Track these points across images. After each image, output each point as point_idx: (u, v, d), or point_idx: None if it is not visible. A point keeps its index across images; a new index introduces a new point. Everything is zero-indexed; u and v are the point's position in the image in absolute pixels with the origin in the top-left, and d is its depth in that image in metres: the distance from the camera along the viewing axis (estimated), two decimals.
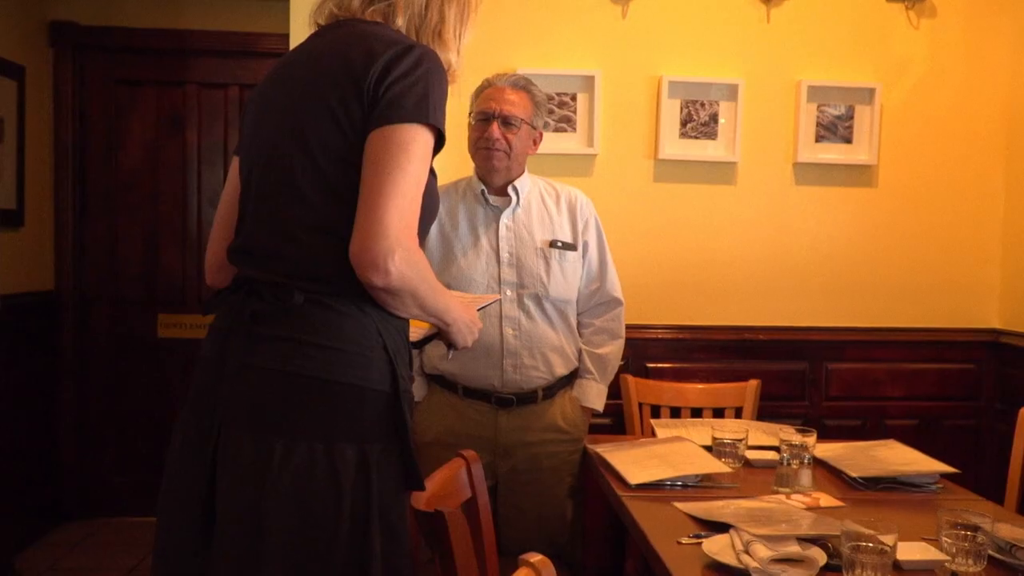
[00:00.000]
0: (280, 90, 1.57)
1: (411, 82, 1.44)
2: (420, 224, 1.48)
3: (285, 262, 1.48)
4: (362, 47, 1.48)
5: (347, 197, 1.43)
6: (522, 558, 1.28)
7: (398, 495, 1.48)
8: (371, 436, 1.43)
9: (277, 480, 1.38)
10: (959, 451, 3.14)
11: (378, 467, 1.43)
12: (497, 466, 2.48)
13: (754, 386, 3.02)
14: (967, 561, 1.65)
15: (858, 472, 2.22)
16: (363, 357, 1.45)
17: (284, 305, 1.44)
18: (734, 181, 3.20)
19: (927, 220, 3.29)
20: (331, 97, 1.46)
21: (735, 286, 3.23)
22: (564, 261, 2.50)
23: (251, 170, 1.57)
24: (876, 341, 3.27)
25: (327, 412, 1.42)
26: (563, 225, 2.53)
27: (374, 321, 1.47)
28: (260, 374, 1.43)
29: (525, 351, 2.45)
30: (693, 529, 1.83)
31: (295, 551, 1.38)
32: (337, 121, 1.46)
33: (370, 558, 1.40)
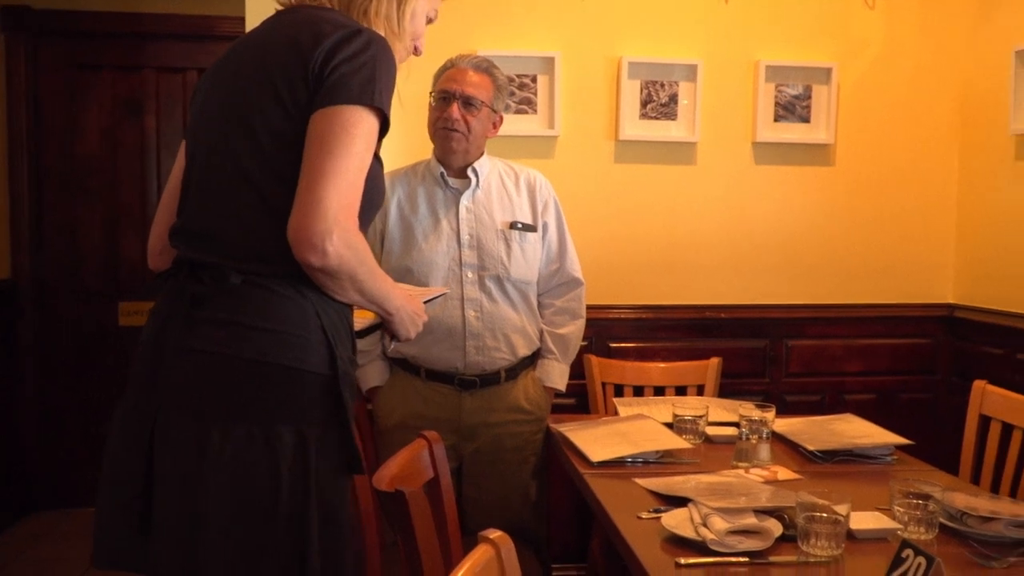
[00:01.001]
0: (227, 72, 1.57)
1: (357, 65, 1.44)
2: (363, 211, 1.48)
3: (224, 243, 1.48)
4: (310, 30, 1.48)
5: (289, 179, 1.43)
6: (481, 535, 1.29)
7: (338, 479, 1.49)
8: (310, 419, 1.44)
9: (215, 464, 1.38)
10: (916, 424, 3.20)
11: (317, 450, 1.43)
12: (461, 447, 2.50)
13: (715, 364, 3.06)
14: (919, 529, 1.69)
15: (815, 445, 2.26)
16: (300, 339, 1.44)
17: (222, 287, 1.44)
18: (694, 161, 3.22)
19: (884, 198, 3.33)
20: (277, 79, 1.46)
21: (696, 265, 3.26)
22: (524, 242, 2.51)
23: (195, 151, 1.57)
24: (834, 318, 3.32)
25: (264, 395, 1.42)
26: (523, 206, 2.54)
27: (313, 304, 1.47)
28: (197, 357, 1.43)
29: (487, 332, 2.46)
30: (653, 504, 1.86)
31: (233, 535, 1.39)
32: (282, 103, 1.45)
33: (308, 541, 1.41)
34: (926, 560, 1.37)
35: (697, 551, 1.60)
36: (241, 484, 1.39)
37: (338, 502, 1.48)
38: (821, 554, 1.58)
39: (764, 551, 1.59)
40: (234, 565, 1.39)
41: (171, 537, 1.41)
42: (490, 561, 1.25)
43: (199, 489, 1.39)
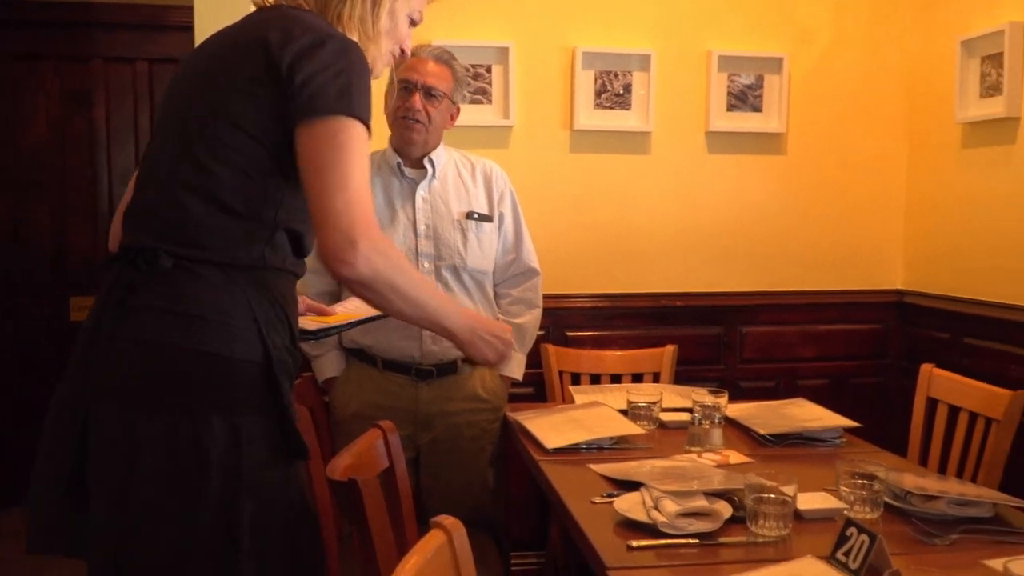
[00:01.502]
0: (198, 60, 1.57)
1: (333, 73, 1.43)
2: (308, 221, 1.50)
3: (159, 221, 1.47)
4: (281, 28, 1.48)
5: (239, 166, 1.44)
6: (433, 520, 1.30)
7: (277, 468, 1.47)
8: (241, 408, 1.42)
9: (142, 454, 1.38)
10: (867, 407, 3.26)
11: (250, 440, 1.42)
12: (418, 437, 2.50)
13: (671, 351, 3.09)
14: (864, 508, 1.73)
15: (767, 429, 2.30)
16: (227, 326, 1.43)
17: (153, 271, 1.43)
18: (648, 151, 3.25)
19: (835, 186, 3.38)
20: (244, 70, 1.46)
21: (652, 254, 3.29)
22: (481, 232, 2.52)
23: (155, 139, 1.57)
24: (788, 304, 3.37)
25: (191, 383, 1.41)
26: (479, 197, 2.55)
27: (243, 291, 1.46)
28: (127, 345, 1.42)
29: None
30: (607, 489, 1.87)
31: (160, 524, 1.39)
32: (248, 94, 1.45)
33: (239, 529, 1.40)
34: (869, 537, 1.40)
35: (648, 534, 1.62)
36: (168, 475, 1.38)
37: (279, 490, 1.47)
38: (769, 534, 1.61)
39: (714, 532, 1.62)
40: (163, 552, 1.39)
41: (102, 524, 1.40)
42: (442, 547, 1.26)
43: (128, 477, 1.38)
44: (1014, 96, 2.83)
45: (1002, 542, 1.61)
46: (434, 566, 1.23)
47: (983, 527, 1.67)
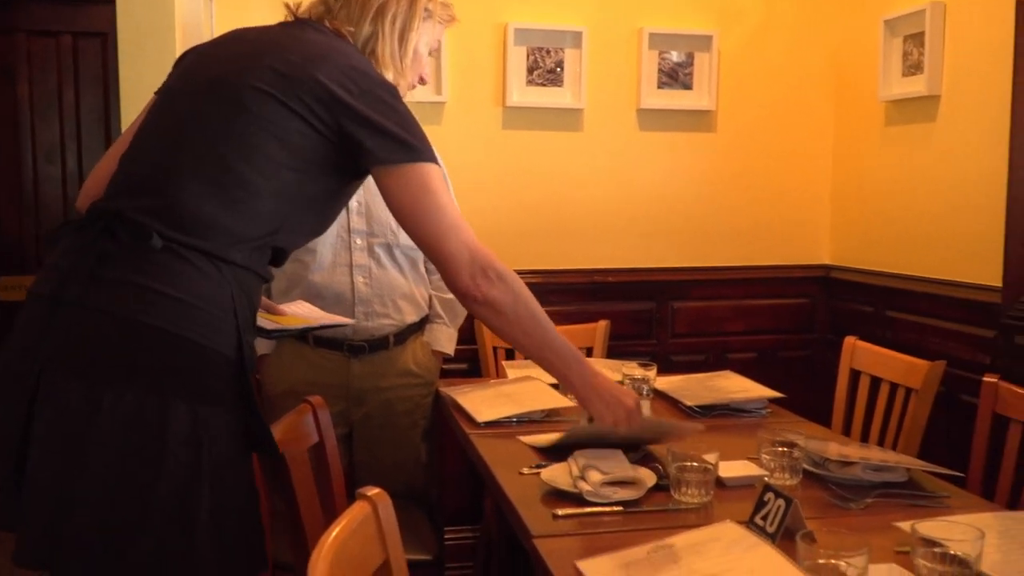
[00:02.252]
0: (230, 52, 1.59)
1: (401, 119, 1.55)
2: (302, 230, 1.62)
3: (158, 201, 1.45)
4: (336, 65, 1.53)
5: (269, 177, 1.48)
6: (359, 492, 1.31)
7: (240, 463, 1.47)
8: (209, 398, 1.41)
9: (101, 429, 1.35)
10: (794, 380, 3.32)
11: (213, 431, 1.40)
12: (351, 413, 2.50)
13: (603, 326, 3.13)
14: (784, 475, 1.77)
15: (694, 401, 2.34)
16: (212, 316, 1.42)
17: (138, 247, 1.40)
18: (581, 128, 3.27)
19: (763, 163, 3.44)
20: (296, 94, 1.50)
21: (584, 230, 3.32)
22: None
23: (166, 113, 1.56)
24: (718, 280, 3.43)
25: (165, 365, 1.39)
26: None
27: (230, 284, 1.45)
28: (97, 317, 1.39)
29: (376, 299, 2.47)
30: (536, 461, 1.90)
31: (110, 503, 1.36)
32: (301, 118, 1.50)
33: (194, 519, 1.38)
34: (785, 502, 1.45)
35: (574, 503, 1.64)
36: (124, 453, 1.35)
37: (238, 480, 1.46)
38: (692, 501, 1.65)
39: (638, 500, 1.65)
40: (106, 535, 1.37)
41: (43, 500, 1.37)
42: (367, 517, 1.27)
43: (79, 453, 1.35)
44: (935, 75, 2.90)
45: (914, 505, 1.67)
46: (359, 537, 1.24)
47: (897, 491, 1.73)
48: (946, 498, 1.72)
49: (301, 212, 1.56)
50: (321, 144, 1.51)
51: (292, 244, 1.61)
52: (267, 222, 1.50)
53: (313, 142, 1.51)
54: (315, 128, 1.50)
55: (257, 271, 1.53)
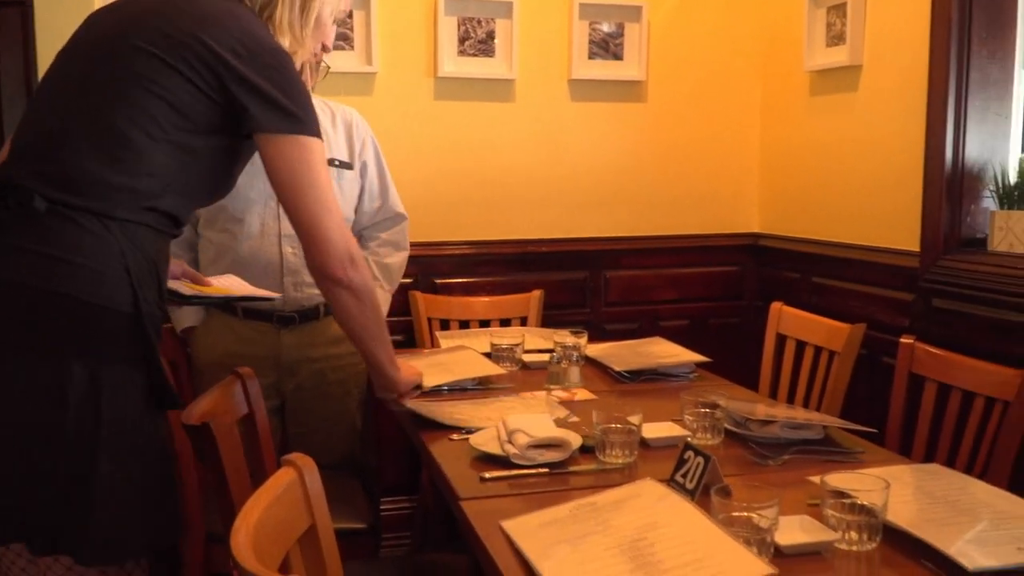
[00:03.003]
0: (121, 22, 1.57)
1: (287, 89, 1.56)
2: (198, 195, 1.66)
3: (46, 162, 1.45)
4: (225, 29, 1.54)
5: (155, 137, 1.49)
6: (284, 458, 1.32)
7: (144, 417, 1.48)
8: (106, 355, 1.42)
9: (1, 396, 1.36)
10: (725, 346, 3.39)
11: (113, 388, 1.42)
12: (283, 384, 2.50)
13: (537, 296, 3.16)
14: (706, 435, 1.83)
15: (623, 366, 2.39)
16: (97, 274, 1.43)
17: (24, 212, 1.41)
18: (513, 98, 3.28)
19: (693, 133, 3.49)
20: (187, 57, 1.50)
21: (518, 201, 3.33)
22: (342, 180, 2.51)
23: (58, 78, 1.56)
24: (649, 249, 3.47)
25: (56, 327, 1.40)
26: (340, 144, 2.54)
27: (118, 241, 1.46)
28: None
29: (305, 268, 2.46)
30: (468, 428, 1.92)
31: (10, 465, 1.37)
32: (189, 80, 1.51)
33: (94, 472, 1.40)
34: (704, 459, 1.49)
35: (502, 466, 1.67)
36: (23, 415, 1.37)
37: (143, 440, 1.47)
38: (616, 462, 1.69)
39: (564, 462, 1.69)
40: (8, 490, 1.38)
41: None
42: (292, 483, 1.28)
43: None
44: (856, 45, 2.97)
45: (829, 461, 1.73)
46: (284, 502, 1.25)
47: (813, 448, 1.79)
48: (860, 453, 1.79)
49: (191, 173, 1.56)
50: (207, 106, 1.53)
51: (188, 205, 1.61)
52: (154, 181, 1.51)
53: (199, 104, 1.52)
54: (201, 90, 1.51)
55: (153, 226, 1.53)
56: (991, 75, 2.58)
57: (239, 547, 1.06)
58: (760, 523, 1.27)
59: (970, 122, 2.58)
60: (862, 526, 1.33)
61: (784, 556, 1.30)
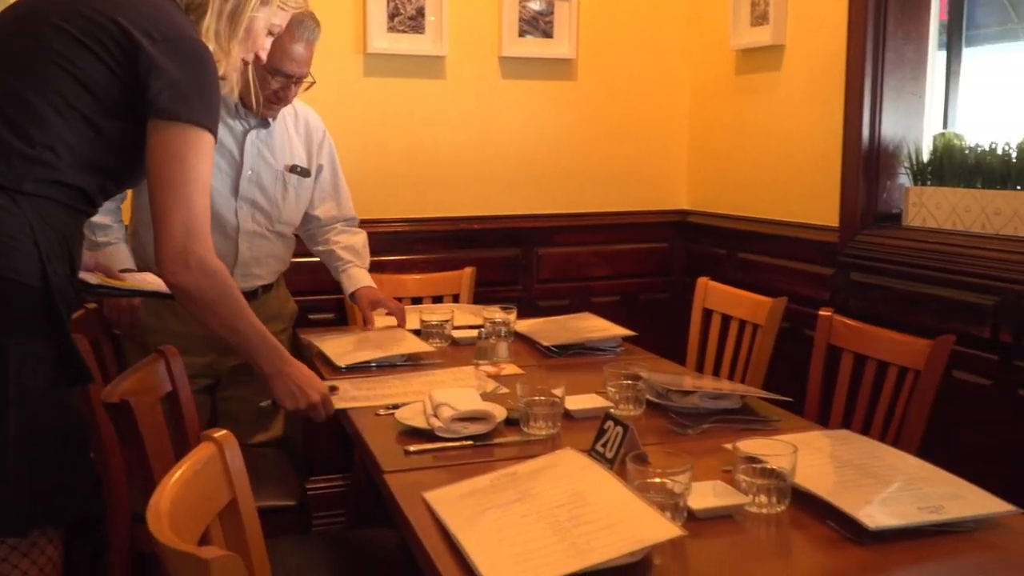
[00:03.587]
0: None
1: (192, 79, 1.54)
2: (124, 178, 1.66)
3: None
4: (141, 13, 1.53)
5: (60, 111, 1.49)
6: (203, 434, 1.32)
7: (54, 390, 1.48)
8: (15, 328, 1.42)
9: None
10: (655, 321, 3.47)
11: (21, 360, 1.41)
12: (219, 363, 2.50)
13: (469, 273, 3.18)
14: (628, 406, 1.87)
15: (550, 341, 2.42)
16: (5, 247, 1.43)
17: None
18: (444, 75, 3.27)
19: (623, 111, 3.52)
20: (100, 36, 1.51)
21: (450, 178, 3.34)
22: (300, 187, 2.57)
23: None
24: (581, 226, 3.51)
25: None
26: (299, 150, 2.58)
27: (27, 215, 1.46)
28: None
29: (254, 262, 2.51)
30: (392, 402, 1.93)
31: None
32: (98, 58, 1.51)
33: (3, 447, 1.40)
34: (623, 429, 1.53)
35: (428, 440, 1.69)
36: None
37: (52, 413, 1.46)
38: (540, 433, 1.72)
39: (489, 434, 1.71)
40: None
41: None
42: (212, 458, 1.28)
43: None
44: (779, 25, 3.03)
45: (747, 429, 1.78)
46: (203, 477, 1.25)
47: (732, 417, 1.85)
48: (776, 421, 1.85)
49: (99, 151, 1.56)
50: (116, 87, 1.53)
51: (100, 183, 1.60)
52: (60, 155, 1.50)
53: (109, 84, 1.52)
54: (112, 70, 1.52)
55: (64, 202, 1.53)
56: (906, 55, 2.66)
57: (155, 521, 1.07)
58: (674, 488, 1.32)
59: (886, 101, 2.66)
60: (771, 490, 1.38)
61: (697, 520, 1.35)
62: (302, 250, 2.77)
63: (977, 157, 2.49)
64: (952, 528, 1.33)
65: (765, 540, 1.35)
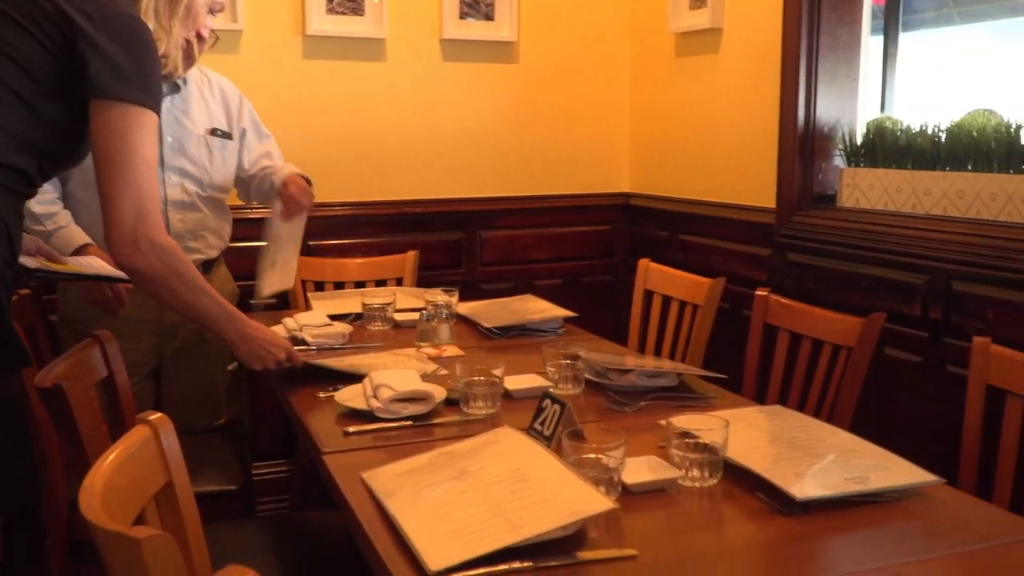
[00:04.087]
0: None
1: (133, 59, 1.53)
2: (59, 161, 1.66)
3: None
4: None
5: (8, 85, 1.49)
6: (137, 417, 1.31)
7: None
8: None
9: None
10: (598, 303, 3.51)
11: None
12: (163, 347, 2.47)
13: (412, 257, 3.17)
14: (567, 385, 1.89)
15: (492, 323, 2.43)
16: None
17: None
18: (384, 58, 3.26)
19: (564, 95, 3.54)
20: (34, 12, 1.50)
21: (392, 161, 3.33)
22: (225, 150, 2.53)
23: None
24: (524, 209, 3.52)
25: None
26: (219, 114, 2.55)
27: None
28: None
29: (189, 234, 2.46)
30: (333, 384, 1.93)
31: None
32: (32, 36, 1.50)
33: None
34: (560, 407, 1.55)
35: (368, 421, 1.70)
36: None
37: None
38: (479, 413, 1.73)
39: (428, 414, 1.72)
40: None
41: None
42: (146, 441, 1.28)
43: None
44: (717, 8, 3.06)
45: (683, 406, 1.80)
46: (138, 460, 1.24)
47: (669, 395, 1.88)
48: (712, 398, 1.88)
49: (37, 131, 1.55)
50: (54, 68, 1.52)
51: (40, 164, 1.59)
52: (0, 139, 1.49)
53: (47, 64, 1.51)
54: (49, 51, 1.51)
55: (3, 183, 1.51)
56: (840, 38, 2.71)
57: (88, 502, 1.06)
58: (608, 463, 1.34)
59: (821, 84, 2.71)
60: (704, 464, 1.41)
61: (632, 494, 1.38)
62: (241, 234, 2.74)
63: (908, 139, 2.55)
64: (877, 498, 1.38)
65: (697, 513, 1.38)
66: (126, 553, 0.94)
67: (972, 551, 1.25)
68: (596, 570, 1.16)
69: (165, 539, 0.97)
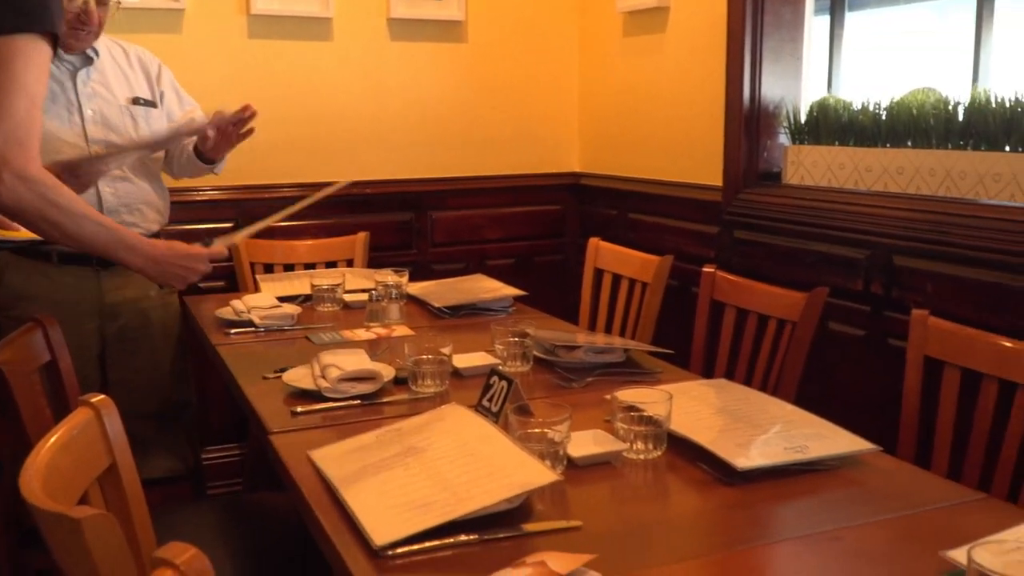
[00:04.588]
0: None
1: None
2: None
3: None
4: None
5: None
6: (80, 399, 1.30)
7: None
8: None
9: None
10: (549, 282, 3.53)
11: None
12: (105, 329, 2.43)
13: (362, 238, 3.16)
14: (516, 363, 1.91)
15: (442, 303, 2.44)
16: None
17: None
18: (331, 37, 3.23)
19: (513, 75, 3.54)
20: None
21: (340, 142, 3.30)
22: (150, 118, 2.47)
23: None
24: (474, 189, 3.52)
25: None
26: (140, 82, 2.49)
27: None
28: None
29: (124, 208, 2.41)
30: (280, 365, 1.92)
31: None
32: None
33: None
34: (507, 383, 1.56)
35: (316, 401, 1.70)
36: None
37: None
38: (428, 391, 1.74)
39: (377, 393, 1.72)
40: None
41: None
42: (89, 422, 1.27)
43: None
44: None
45: (629, 381, 1.83)
46: (81, 442, 1.23)
47: (616, 370, 1.90)
48: (659, 373, 1.91)
49: None
50: None
51: None
52: None
53: None
54: None
55: None
56: (784, 17, 2.74)
57: (28, 484, 1.05)
58: (554, 437, 1.35)
59: (765, 63, 2.74)
60: (648, 436, 1.44)
61: (578, 467, 1.39)
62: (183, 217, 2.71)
63: (851, 116, 2.59)
64: (816, 466, 1.41)
65: (642, 484, 1.40)
66: (67, 533, 0.94)
67: (908, 515, 1.29)
68: (541, 541, 1.18)
69: (106, 519, 0.96)
